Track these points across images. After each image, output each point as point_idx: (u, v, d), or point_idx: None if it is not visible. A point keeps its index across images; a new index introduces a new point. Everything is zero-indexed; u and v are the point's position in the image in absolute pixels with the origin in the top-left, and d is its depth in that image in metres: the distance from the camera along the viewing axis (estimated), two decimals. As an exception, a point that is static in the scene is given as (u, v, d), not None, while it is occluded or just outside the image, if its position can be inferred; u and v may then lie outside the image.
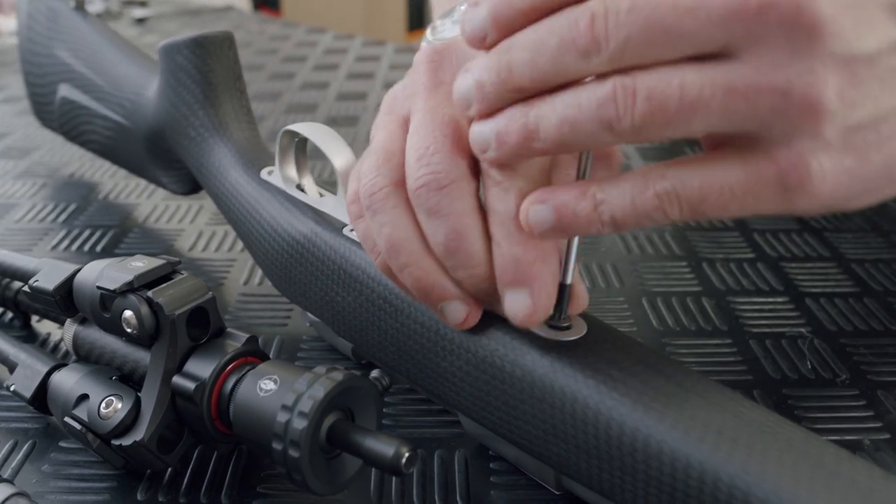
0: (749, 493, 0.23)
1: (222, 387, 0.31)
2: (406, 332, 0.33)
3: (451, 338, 0.31)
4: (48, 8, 0.62)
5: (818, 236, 0.55)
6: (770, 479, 0.23)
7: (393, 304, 0.33)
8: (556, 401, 0.28)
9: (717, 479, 0.24)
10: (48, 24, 0.62)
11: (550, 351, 0.28)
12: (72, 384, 0.33)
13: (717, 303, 0.46)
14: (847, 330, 0.43)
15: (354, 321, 0.35)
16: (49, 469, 0.34)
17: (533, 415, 0.28)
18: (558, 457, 0.28)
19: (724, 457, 0.24)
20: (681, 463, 0.24)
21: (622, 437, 0.26)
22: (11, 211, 0.60)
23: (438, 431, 0.36)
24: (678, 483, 0.25)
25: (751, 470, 0.23)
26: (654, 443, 0.25)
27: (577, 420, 0.27)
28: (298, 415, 0.28)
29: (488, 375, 0.30)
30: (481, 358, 0.30)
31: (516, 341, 0.29)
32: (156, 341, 0.32)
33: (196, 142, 0.48)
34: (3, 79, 1.01)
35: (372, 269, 0.34)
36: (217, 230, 0.56)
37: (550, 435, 0.28)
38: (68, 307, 0.35)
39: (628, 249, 0.53)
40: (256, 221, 0.41)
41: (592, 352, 0.28)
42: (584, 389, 0.27)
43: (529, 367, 0.28)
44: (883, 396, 0.38)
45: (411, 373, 0.33)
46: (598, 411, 0.27)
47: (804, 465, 0.23)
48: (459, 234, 0.28)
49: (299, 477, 0.28)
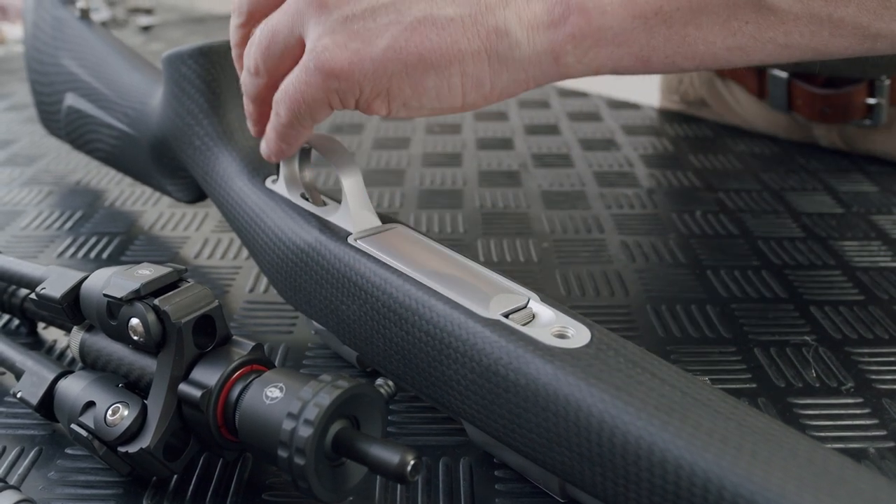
0: (753, 502, 0.23)
1: (228, 394, 0.31)
2: (411, 341, 0.33)
3: (455, 346, 0.31)
4: (53, 17, 0.62)
5: (823, 244, 0.55)
6: (774, 488, 0.23)
7: (397, 312, 0.33)
8: (561, 409, 0.28)
9: (721, 487, 0.24)
10: (53, 34, 0.62)
11: (554, 359, 0.29)
12: (78, 391, 0.33)
13: (722, 311, 0.46)
14: (852, 338, 0.43)
15: (359, 330, 0.36)
16: (55, 476, 0.34)
17: (537, 423, 0.28)
18: (563, 465, 0.28)
19: (728, 465, 0.24)
20: (685, 471, 0.24)
21: (626, 445, 0.26)
22: (18, 218, 0.60)
23: (443, 439, 0.36)
24: (682, 491, 0.25)
25: (755, 478, 0.23)
26: (658, 451, 0.25)
27: (582, 428, 0.27)
28: (304, 422, 0.28)
29: (492, 384, 0.30)
30: (485, 366, 0.30)
31: (520, 350, 0.29)
32: (162, 349, 0.32)
33: (201, 151, 0.48)
34: (9, 86, 1.01)
35: (377, 278, 0.34)
36: (222, 238, 0.57)
37: (555, 443, 0.28)
38: (75, 315, 0.35)
39: (632, 258, 0.53)
40: (261, 230, 0.41)
41: (596, 360, 0.29)
42: (589, 398, 0.27)
43: (534, 376, 0.29)
44: (888, 405, 0.38)
45: (416, 381, 0.33)
46: (602, 419, 0.27)
47: (809, 473, 0.23)
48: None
49: (305, 484, 0.28)
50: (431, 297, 0.32)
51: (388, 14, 0.33)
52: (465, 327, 0.31)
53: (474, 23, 0.33)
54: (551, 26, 0.33)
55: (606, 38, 0.33)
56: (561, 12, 0.32)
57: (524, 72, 0.34)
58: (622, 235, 0.57)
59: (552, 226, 0.58)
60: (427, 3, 0.33)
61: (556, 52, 0.33)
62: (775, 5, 0.32)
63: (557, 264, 0.52)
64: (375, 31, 0.33)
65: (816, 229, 0.57)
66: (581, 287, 0.49)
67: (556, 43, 0.33)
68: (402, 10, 0.33)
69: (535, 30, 0.33)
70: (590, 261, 0.53)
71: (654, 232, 0.57)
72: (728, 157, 0.74)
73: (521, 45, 0.33)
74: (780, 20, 0.32)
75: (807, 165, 0.71)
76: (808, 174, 0.69)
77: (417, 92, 0.34)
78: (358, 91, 0.34)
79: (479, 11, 0.33)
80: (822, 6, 0.32)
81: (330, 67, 0.33)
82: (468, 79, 0.34)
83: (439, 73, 0.33)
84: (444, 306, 0.32)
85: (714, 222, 0.59)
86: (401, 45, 0.33)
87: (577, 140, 0.79)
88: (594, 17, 0.32)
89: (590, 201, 0.63)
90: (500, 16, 0.33)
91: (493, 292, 0.33)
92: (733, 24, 0.32)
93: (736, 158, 0.73)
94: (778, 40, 0.33)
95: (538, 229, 0.58)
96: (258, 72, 0.37)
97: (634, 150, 0.76)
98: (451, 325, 0.31)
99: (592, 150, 0.76)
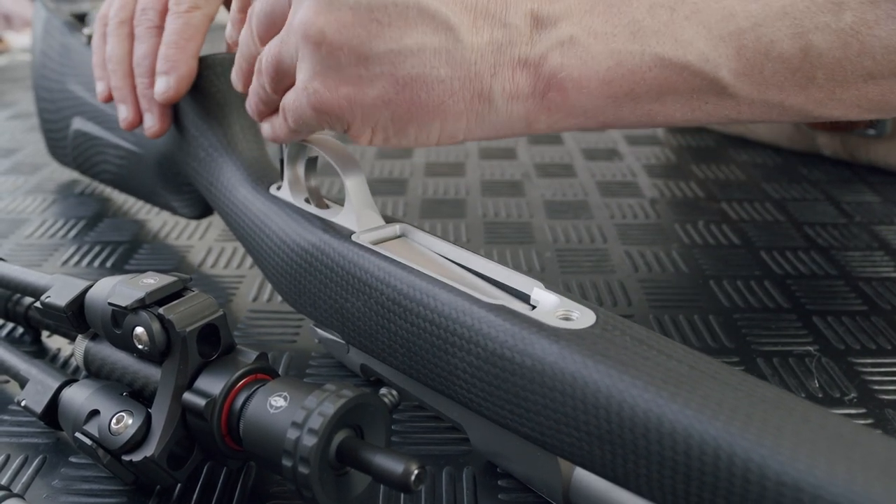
0: (764, 467, 0.23)
1: (232, 403, 0.31)
2: (416, 332, 0.33)
3: (460, 333, 0.31)
4: (61, 45, 0.63)
5: (825, 254, 0.55)
6: (785, 452, 0.23)
7: (402, 304, 0.33)
8: (567, 388, 0.27)
9: (731, 454, 0.23)
10: (61, 60, 0.63)
11: (560, 339, 0.28)
12: (82, 400, 0.33)
13: (725, 321, 0.46)
14: (855, 348, 0.43)
15: (364, 326, 0.36)
16: (59, 484, 0.34)
17: (544, 405, 0.28)
18: (571, 447, 0.28)
19: (738, 432, 0.24)
20: (695, 441, 0.24)
21: (634, 418, 0.26)
22: (22, 226, 0.61)
23: (447, 448, 0.36)
24: (693, 462, 0.24)
25: (766, 444, 0.23)
26: (667, 422, 0.25)
27: (589, 405, 0.27)
28: (308, 432, 0.28)
29: (498, 368, 0.30)
30: (491, 351, 0.30)
31: (525, 332, 0.29)
32: (167, 358, 0.32)
33: (206, 162, 0.48)
34: (13, 95, 1.02)
35: (380, 272, 0.34)
36: (226, 246, 0.57)
37: (563, 424, 0.28)
38: (80, 323, 0.35)
39: (636, 267, 0.53)
40: (265, 235, 0.41)
41: (602, 338, 0.28)
42: (595, 374, 0.27)
43: (539, 356, 0.28)
44: (891, 416, 0.38)
45: (421, 374, 0.33)
46: (609, 395, 0.26)
47: (821, 437, 0.23)
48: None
49: (309, 494, 0.28)
50: (435, 286, 0.33)
51: (381, 65, 0.34)
52: (469, 313, 0.31)
53: (462, 87, 0.34)
54: (531, 98, 0.35)
55: (578, 112, 0.35)
56: (542, 88, 0.34)
57: (496, 130, 0.36)
58: (625, 245, 0.57)
59: (555, 235, 0.58)
60: (420, 60, 0.34)
61: (530, 118, 0.35)
62: (735, 92, 0.34)
63: (560, 274, 0.52)
64: (368, 79, 0.34)
65: (819, 240, 0.57)
66: (584, 296, 0.49)
67: (531, 112, 0.35)
68: (395, 63, 0.33)
69: (515, 99, 0.35)
70: (593, 270, 0.53)
71: (656, 242, 0.57)
72: (731, 167, 0.74)
73: (499, 111, 0.35)
74: (736, 103, 0.35)
75: (809, 176, 0.71)
76: (811, 184, 0.69)
77: (398, 134, 0.36)
78: (346, 125, 0.36)
79: (469, 77, 0.34)
80: (775, 94, 0.35)
81: (321, 108, 0.35)
82: (445, 132, 0.36)
83: (421, 125, 0.35)
84: (448, 294, 0.32)
85: (717, 232, 0.59)
86: (391, 98, 0.34)
87: (579, 150, 0.79)
88: (571, 95, 0.34)
89: (593, 211, 0.63)
90: (486, 84, 0.34)
91: (496, 282, 0.34)
92: (694, 104, 0.35)
93: (739, 169, 0.73)
94: (730, 116, 0.36)
95: (541, 239, 0.58)
96: (272, 91, 0.38)
97: (637, 160, 0.76)
98: (455, 313, 0.31)
99: (595, 160, 0.76)
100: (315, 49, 0.34)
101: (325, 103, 0.35)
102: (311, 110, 0.35)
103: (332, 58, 0.34)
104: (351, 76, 0.34)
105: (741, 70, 0.34)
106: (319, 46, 0.34)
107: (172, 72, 0.48)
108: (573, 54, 0.34)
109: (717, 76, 0.34)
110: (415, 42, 0.33)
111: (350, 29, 0.33)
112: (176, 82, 0.48)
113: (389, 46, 0.33)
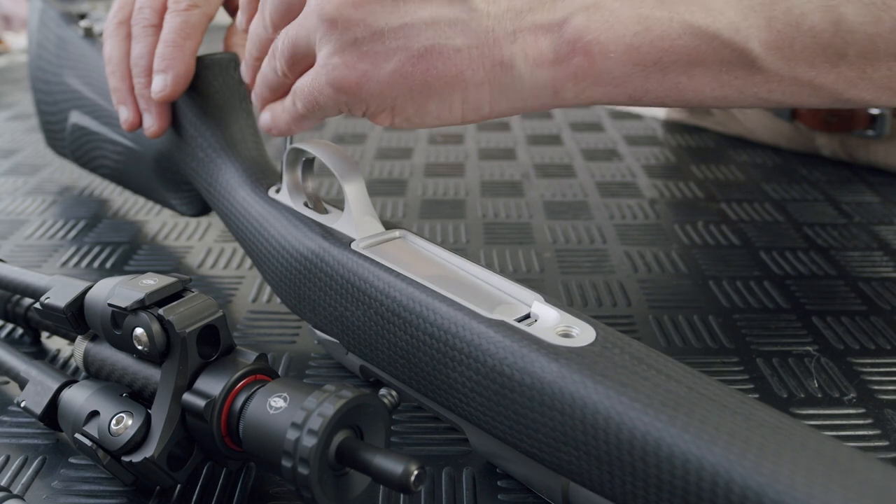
0: (762, 494, 0.23)
1: (232, 404, 0.31)
2: (415, 344, 0.33)
3: (459, 348, 0.31)
4: (57, 37, 0.63)
5: (824, 255, 0.55)
6: (784, 479, 0.23)
7: (402, 316, 0.33)
8: (566, 407, 0.28)
9: (730, 480, 0.23)
10: (57, 52, 0.62)
11: (559, 357, 0.29)
12: (82, 401, 0.33)
13: (724, 321, 0.46)
14: (854, 348, 0.43)
15: (364, 335, 0.36)
16: (59, 485, 0.34)
17: (543, 423, 0.28)
18: (570, 465, 0.28)
19: (736, 458, 0.24)
20: (693, 465, 0.24)
21: (633, 441, 0.26)
22: (21, 227, 0.61)
23: (446, 449, 0.36)
24: (691, 486, 0.24)
25: (764, 470, 0.23)
26: (665, 446, 0.25)
27: (588, 426, 0.27)
28: (308, 432, 0.28)
29: (497, 384, 0.30)
30: (490, 367, 0.30)
31: (525, 349, 0.29)
32: (166, 359, 0.32)
33: (204, 163, 0.48)
34: (13, 96, 1.02)
35: (380, 283, 0.34)
36: (225, 247, 0.57)
37: (561, 442, 0.28)
38: (79, 324, 0.35)
39: (635, 268, 0.53)
40: (265, 239, 0.41)
41: (602, 357, 0.29)
42: (594, 394, 0.27)
43: (539, 375, 0.28)
44: (890, 415, 0.38)
45: (421, 385, 0.33)
46: (608, 416, 0.26)
47: (818, 464, 0.23)
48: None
49: (308, 494, 0.28)
50: (435, 299, 0.33)
51: (396, 38, 0.34)
52: (468, 328, 0.31)
53: (480, 55, 0.34)
54: (555, 63, 0.34)
55: (605, 80, 0.34)
56: (566, 52, 0.34)
57: (522, 101, 0.35)
58: (625, 246, 0.57)
59: (554, 236, 0.59)
60: (435, 31, 0.34)
61: (556, 87, 0.35)
62: (765, 66, 0.34)
63: (560, 274, 0.52)
64: (383, 54, 0.34)
65: (818, 240, 0.57)
66: (583, 297, 0.49)
67: (557, 79, 0.34)
68: (410, 37, 0.34)
69: (539, 65, 0.34)
70: (592, 271, 0.53)
71: (656, 242, 0.57)
72: (730, 167, 0.74)
73: (523, 79, 0.34)
74: (766, 79, 0.34)
75: (809, 176, 0.71)
76: (811, 185, 0.69)
77: (419, 111, 0.35)
78: (364, 106, 0.36)
79: (487, 44, 0.34)
80: (806, 71, 0.34)
81: (339, 85, 0.35)
82: (468, 104, 0.35)
83: (442, 97, 0.35)
84: (448, 308, 0.32)
85: (716, 233, 0.59)
86: (407, 71, 0.34)
87: (579, 150, 0.79)
88: (597, 60, 0.33)
89: (592, 212, 0.63)
90: (507, 50, 0.34)
91: (497, 295, 0.33)
92: (723, 78, 0.34)
93: (738, 169, 0.73)
94: (760, 95, 0.35)
95: (540, 239, 0.58)
96: (284, 74, 0.39)
97: (637, 160, 0.76)
98: (454, 327, 0.31)
99: (595, 160, 0.76)
100: (332, 27, 0.34)
101: (343, 79, 0.35)
102: (329, 88, 0.35)
103: (349, 34, 0.34)
104: (367, 52, 0.34)
105: (772, 42, 0.33)
106: (336, 24, 0.34)
107: (169, 70, 0.47)
108: (599, 18, 0.33)
109: (746, 47, 0.33)
110: (429, 14, 0.33)
111: (365, 5, 0.34)
112: (173, 81, 0.47)
113: (404, 20, 0.34)
